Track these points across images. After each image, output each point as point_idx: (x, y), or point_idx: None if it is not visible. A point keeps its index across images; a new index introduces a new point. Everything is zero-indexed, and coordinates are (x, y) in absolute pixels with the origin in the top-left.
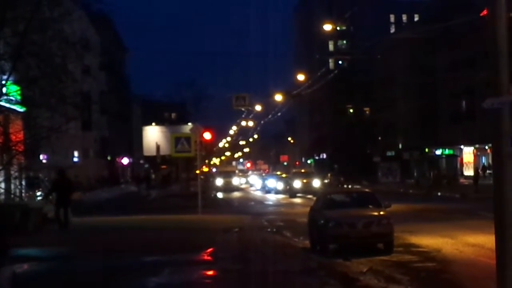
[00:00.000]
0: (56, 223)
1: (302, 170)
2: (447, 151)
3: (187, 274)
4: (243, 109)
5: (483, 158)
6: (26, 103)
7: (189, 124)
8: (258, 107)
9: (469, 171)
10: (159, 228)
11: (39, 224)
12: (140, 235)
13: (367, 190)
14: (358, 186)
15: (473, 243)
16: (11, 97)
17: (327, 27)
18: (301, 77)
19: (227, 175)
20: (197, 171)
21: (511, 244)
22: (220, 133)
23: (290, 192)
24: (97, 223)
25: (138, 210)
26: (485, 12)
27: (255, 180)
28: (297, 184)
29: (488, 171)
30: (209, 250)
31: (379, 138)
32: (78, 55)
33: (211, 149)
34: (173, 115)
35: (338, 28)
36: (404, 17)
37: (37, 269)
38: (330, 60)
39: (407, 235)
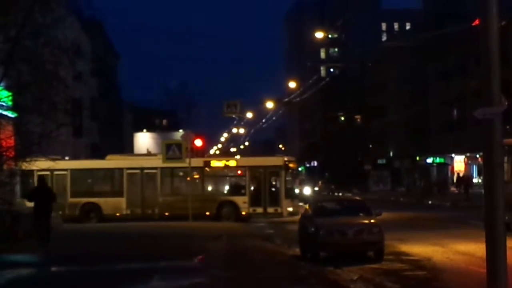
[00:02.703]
0: (35, 237)
1: None
2: (438, 160)
3: (176, 281)
4: (234, 116)
5: (474, 166)
6: (17, 109)
7: (180, 131)
8: (249, 114)
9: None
10: (149, 235)
11: (30, 230)
12: (130, 241)
13: (357, 198)
14: (349, 194)
15: (464, 251)
16: (2, 103)
17: (319, 34)
18: (292, 84)
19: None
20: (188, 178)
21: (502, 253)
22: (211, 140)
23: None
24: (87, 229)
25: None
26: (477, 21)
27: None
28: None
29: (479, 180)
30: (199, 257)
31: (370, 146)
32: (70, 61)
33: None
34: (164, 121)
35: (329, 36)
36: (396, 26)
37: (24, 275)
38: (322, 68)
39: (398, 243)
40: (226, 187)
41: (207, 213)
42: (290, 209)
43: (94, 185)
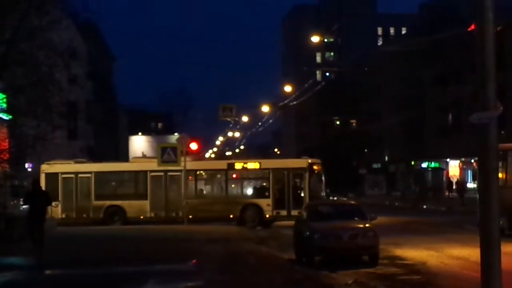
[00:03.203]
0: (29, 241)
1: None
2: (433, 164)
3: (172, 284)
4: (229, 120)
5: (469, 171)
6: (12, 111)
7: (176, 134)
8: (245, 118)
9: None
10: (144, 238)
11: (24, 233)
12: (125, 245)
13: (353, 202)
14: (344, 198)
15: (458, 256)
16: None
17: (315, 39)
18: (288, 88)
19: None
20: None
21: (496, 258)
22: (206, 144)
23: None
24: (82, 233)
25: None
26: (472, 26)
27: None
28: None
29: (473, 185)
30: (194, 260)
31: (366, 150)
32: (65, 64)
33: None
34: (160, 125)
35: (325, 40)
36: (392, 30)
37: (18, 278)
38: (318, 72)
39: (393, 248)
40: (250, 190)
41: (231, 216)
42: None
43: (118, 188)
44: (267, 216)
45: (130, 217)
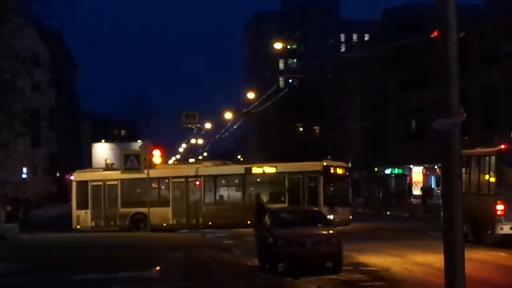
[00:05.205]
0: None
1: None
2: (396, 171)
3: None
4: (192, 126)
5: (432, 177)
6: None
7: (139, 141)
8: (208, 125)
9: (418, 190)
10: (107, 245)
11: None
12: (88, 252)
13: (316, 208)
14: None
15: (422, 262)
16: None
17: (278, 45)
18: (251, 95)
19: None
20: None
21: (460, 264)
22: (169, 151)
23: None
24: (46, 240)
25: None
26: (436, 33)
27: None
28: None
29: (438, 190)
30: (157, 267)
31: (329, 157)
32: (28, 71)
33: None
34: (123, 132)
35: (288, 46)
36: (355, 36)
37: None
38: (281, 79)
39: (356, 254)
40: (266, 195)
41: (248, 222)
42: (331, 217)
43: (143, 195)
44: None
45: (153, 225)
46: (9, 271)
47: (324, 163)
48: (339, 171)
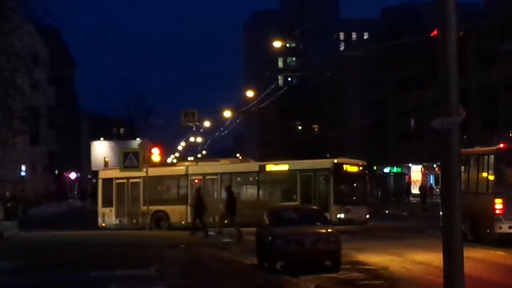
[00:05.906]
0: None
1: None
2: (395, 169)
3: None
4: (191, 125)
5: (431, 176)
6: None
7: (138, 139)
8: (207, 123)
9: (416, 189)
10: (106, 243)
11: None
12: (87, 250)
13: (315, 207)
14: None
15: (421, 261)
16: None
17: (277, 44)
18: (250, 93)
19: None
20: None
21: (459, 262)
22: (168, 149)
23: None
24: (44, 238)
25: (86, 225)
26: (435, 32)
27: None
28: None
29: (437, 189)
30: (156, 265)
31: (328, 155)
32: (27, 69)
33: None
34: (122, 130)
35: (287, 45)
36: (354, 35)
37: None
38: (280, 77)
39: (355, 253)
40: (279, 193)
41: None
42: (341, 215)
43: (164, 193)
44: None
45: (173, 223)
46: (7, 269)
47: (335, 161)
48: (353, 169)
